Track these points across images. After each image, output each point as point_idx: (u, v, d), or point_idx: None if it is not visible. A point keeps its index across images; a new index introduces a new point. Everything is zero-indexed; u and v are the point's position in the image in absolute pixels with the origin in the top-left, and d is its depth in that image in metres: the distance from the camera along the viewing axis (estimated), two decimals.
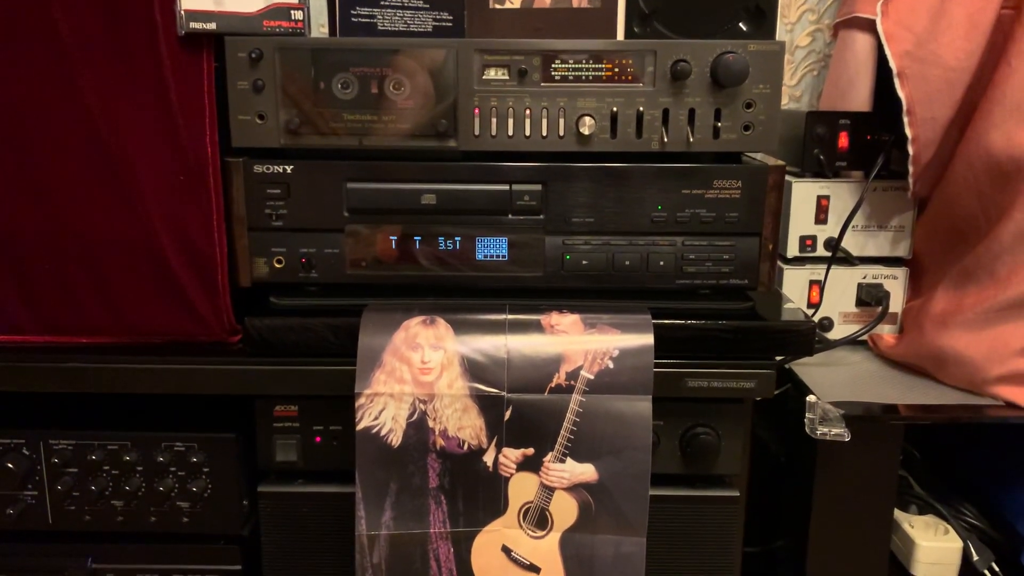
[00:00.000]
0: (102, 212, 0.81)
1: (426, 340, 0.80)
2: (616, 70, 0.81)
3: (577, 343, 0.80)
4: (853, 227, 1.07)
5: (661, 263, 0.84)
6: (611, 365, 0.79)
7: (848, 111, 1.06)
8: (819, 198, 1.07)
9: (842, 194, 1.06)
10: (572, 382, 0.79)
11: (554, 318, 0.82)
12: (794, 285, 1.08)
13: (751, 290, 0.87)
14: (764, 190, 0.83)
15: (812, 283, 1.09)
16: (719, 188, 0.83)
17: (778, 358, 0.86)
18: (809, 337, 0.85)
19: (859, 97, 1.15)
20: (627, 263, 0.84)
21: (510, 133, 0.82)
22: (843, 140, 1.05)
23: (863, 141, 1.05)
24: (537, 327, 0.81)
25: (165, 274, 0.83)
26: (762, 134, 0.82)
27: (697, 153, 0.83)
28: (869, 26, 1.12)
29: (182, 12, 0.78)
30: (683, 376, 0.83)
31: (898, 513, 1.04)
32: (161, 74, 0.78)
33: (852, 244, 1.08)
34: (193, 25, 0.78)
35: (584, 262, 0.85)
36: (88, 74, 0.78)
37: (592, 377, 0.79)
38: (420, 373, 0.79)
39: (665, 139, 0.82)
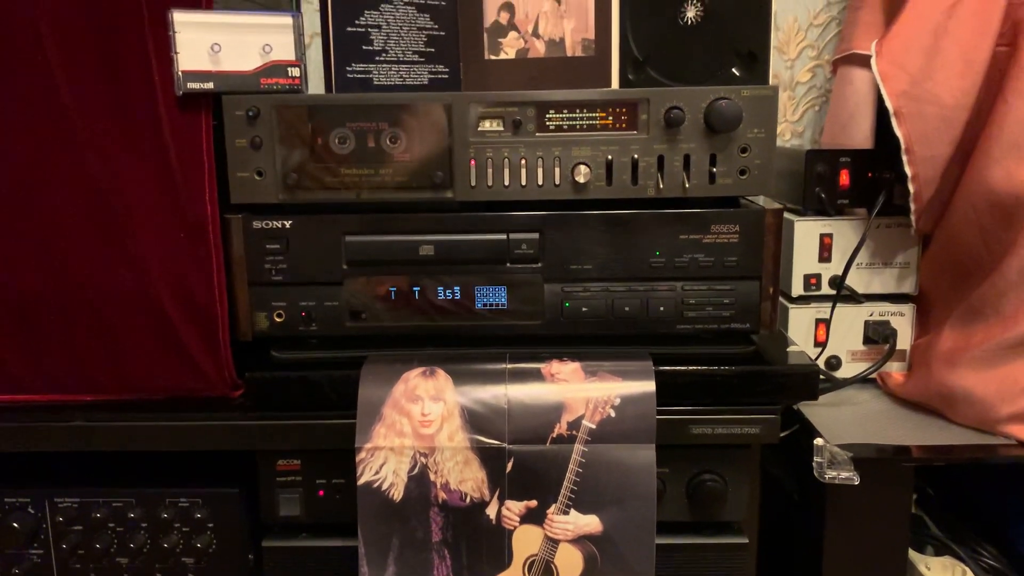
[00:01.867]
0: (104, 269, 0.82)
1: (426, 392, 0.80)
2: (610, 118, 0.82)
3: (578, 391, 0.80)
4: (858, 264, 1.06)
5: (661, 308, 0.84)
6: (613, 413, 0.79)
7: (848, 149, 1.06)
8: (822, 236, 1.06)
9: (845, 232, 1.06)
10: (574, 432, 0.79)
11: (554, 366, 0.81)
12: (800, 324, 1.07)
13: (753, 333, 0.86)
14: (762, 233, 0.83)
15: (818, 322, 1.07)
16: (717, 232, 0.83)
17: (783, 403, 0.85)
18: (813, 381, 0.84)
19: (860, 133, 1.16)
20: (627, 309, 0.84)
21: (506, 183, 0.82)
22: (844, 178, 1.04)
23: (864, 179, 1.04)
24: (537, 376, 0.81)
25: (167, 330, 0.83)
26: (758, 178, 0.82)
27: (693, 198, 0.83)
28: (867, 62, 1.11)
29: (180, 73, 0.79)
30: (687, 423, 0.82)
31: (913, 554, 1.02)
32: (160, 133, 0.80)
33: (858, 281, 1.07)
34: (191, 85, 0.79)
35: (584, 309, 0.84)
36: (89, 134, 0.80)
37: (594, 426, 0.78)
38: (420, 426, 0.79)
39: (661, 185, 0.82)
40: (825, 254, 1.07)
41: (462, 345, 0.85)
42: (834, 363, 1.09)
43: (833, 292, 1.06)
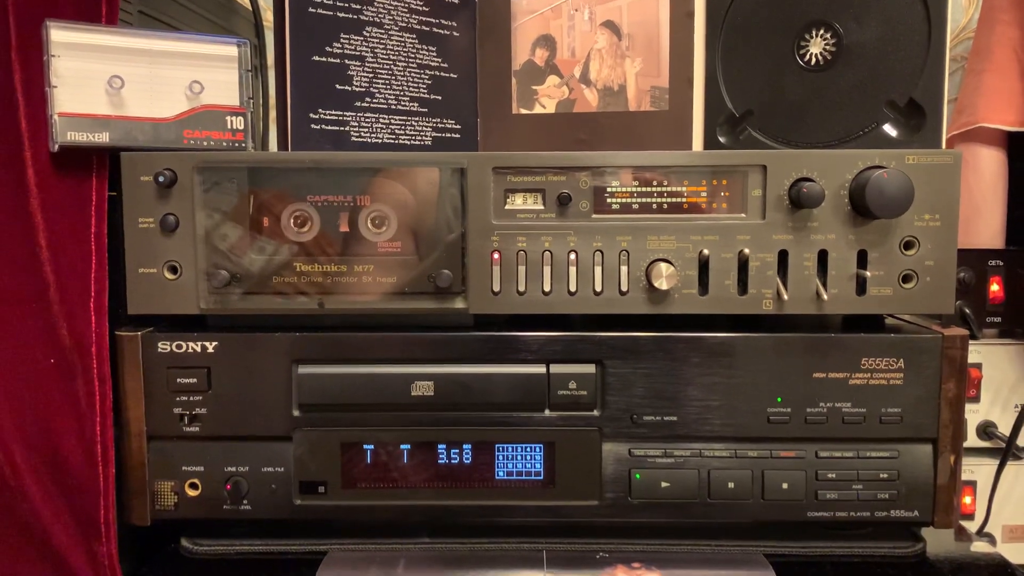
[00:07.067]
0: None
1: None
2: (705, 195, 0.56)
3: None
4: (1015, 406, 0.79)
5: (784, 486, 0.58)
6: None
7: (1000, 248, 0.79)
8: (968, 367, 0.78)
9: (999, 361, 0.80)
10: None
11: None
12: None
13: (923, 525, 0.57)
14: (938, 372, 0.56)
15: (963, 485, 0.79)
16: (870, 369, 0.57)
17: None
18: None
19: (989, 227, 0.96)
20: (731, 486, 0.58)
21: (546, 288, 0.58)
22: (996, 287, 0.78)
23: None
24: None
25: (17, 509, 0.59)
26: (931, 288, 0.57)
27: (833, 317, 0.60)
28: (998, 139, 0.92)
29: (56, 117, 0.53)
30: None
31: None
32: (26, 209, 0.57)
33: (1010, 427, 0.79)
34: (73, 136, 0.56)
35: (663, 484, 0.59)
36: None
37: None
38: None
39: (784, 296, 0.56)
40: (972, 391, 0.80)
41: (474, 537, 0.61)
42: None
43: (985, 444, 0.79)
